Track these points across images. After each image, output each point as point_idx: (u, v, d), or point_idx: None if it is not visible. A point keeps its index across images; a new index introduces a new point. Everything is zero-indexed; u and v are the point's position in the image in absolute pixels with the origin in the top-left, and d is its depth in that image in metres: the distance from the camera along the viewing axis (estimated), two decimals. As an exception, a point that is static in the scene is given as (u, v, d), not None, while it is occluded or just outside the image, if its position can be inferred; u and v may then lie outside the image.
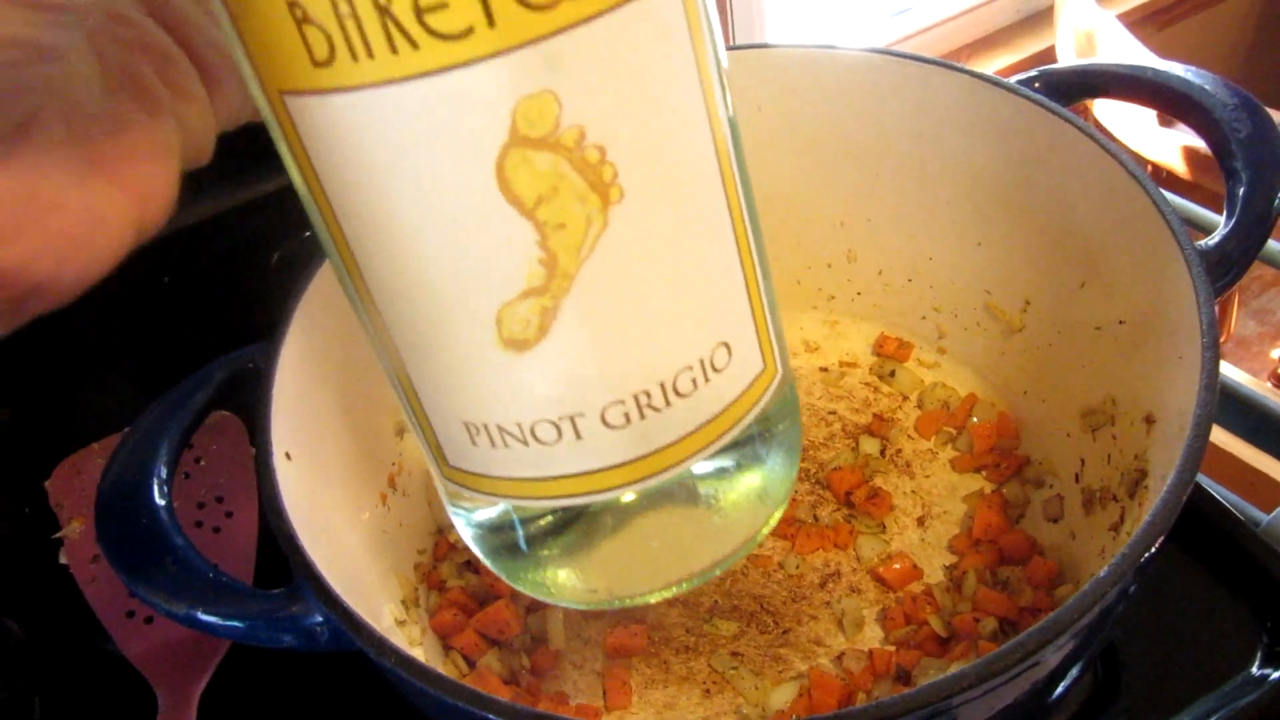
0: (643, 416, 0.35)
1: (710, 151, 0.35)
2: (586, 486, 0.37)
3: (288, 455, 0.60)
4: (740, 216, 0.37)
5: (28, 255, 0.29)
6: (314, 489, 0.62)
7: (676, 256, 0.34)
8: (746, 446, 0.39)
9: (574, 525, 0.41)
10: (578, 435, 0.35)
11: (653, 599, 0.43)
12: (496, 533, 0.43)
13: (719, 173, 0.35)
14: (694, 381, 0.36)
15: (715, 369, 0.36)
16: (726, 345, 0.37)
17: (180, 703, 0.76)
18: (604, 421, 0.35)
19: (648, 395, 0.35)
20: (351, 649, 0.52)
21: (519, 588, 0.43)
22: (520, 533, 0.42)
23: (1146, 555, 0.47)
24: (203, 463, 0.91)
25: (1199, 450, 0.50)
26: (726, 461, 0.40)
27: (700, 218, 0.35)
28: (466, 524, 0.44)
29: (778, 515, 0.43)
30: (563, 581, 0.42)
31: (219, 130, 0.37)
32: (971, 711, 0.47)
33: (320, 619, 0.52)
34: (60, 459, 0.90)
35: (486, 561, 0.44)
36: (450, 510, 0.44)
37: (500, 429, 0.36)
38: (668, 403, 0.36)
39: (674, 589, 0.42)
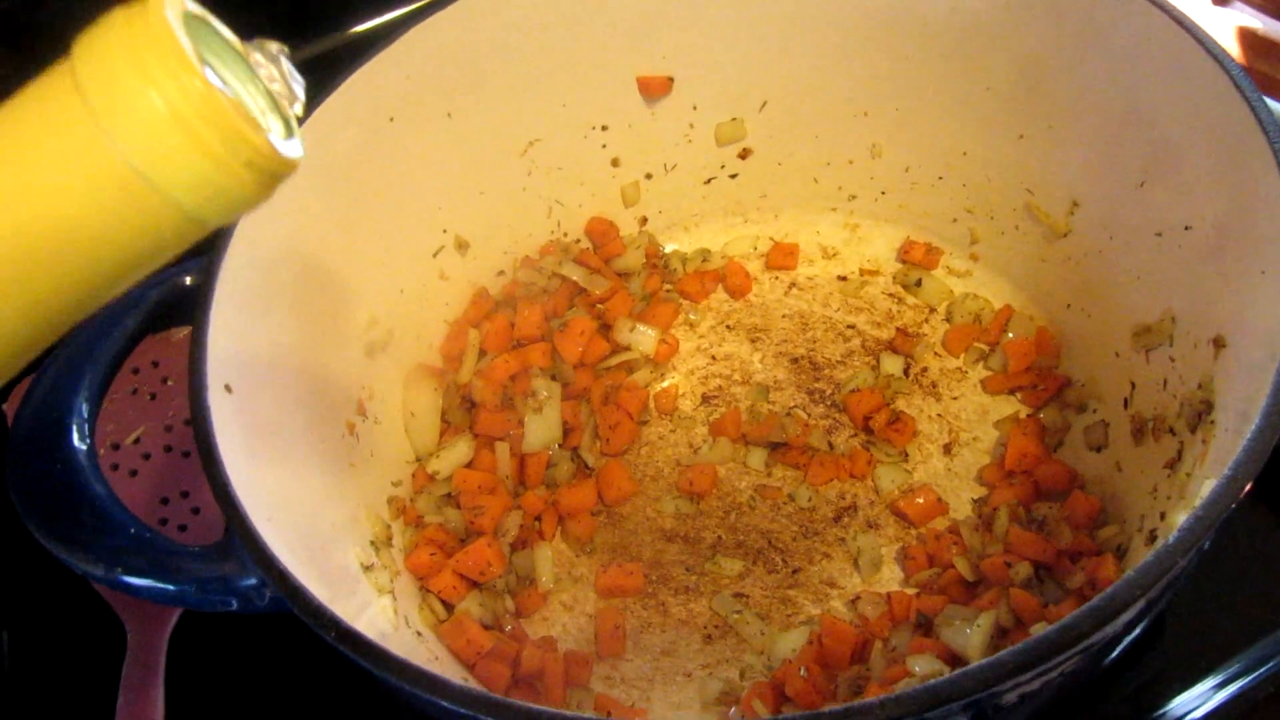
0: None
1: None
2: None
3: (228, 388, 0.53)
4: None
5: None
6: (261, 423, 0.55)
7: None
8: None
9: None
10: None
11: None
12: None
13: None
14: None
15: None
16: None
17: (150, 640, 0.71)
18: None
19: None
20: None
21: None
22: None
23: (1222, 518, 0.40)
24: (170, 383, 0.84)
25: (1290, 388, 0.42)
26: None
27: None
28: None
29: None
30: None
31: None
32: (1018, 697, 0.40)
33: (255, 581, 0.45)
34: (17, 384, 0.84)
35: None
36: None
37: None
38: None
39: None
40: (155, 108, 0.25)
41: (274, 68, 0.30)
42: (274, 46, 0.30)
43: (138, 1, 0.26)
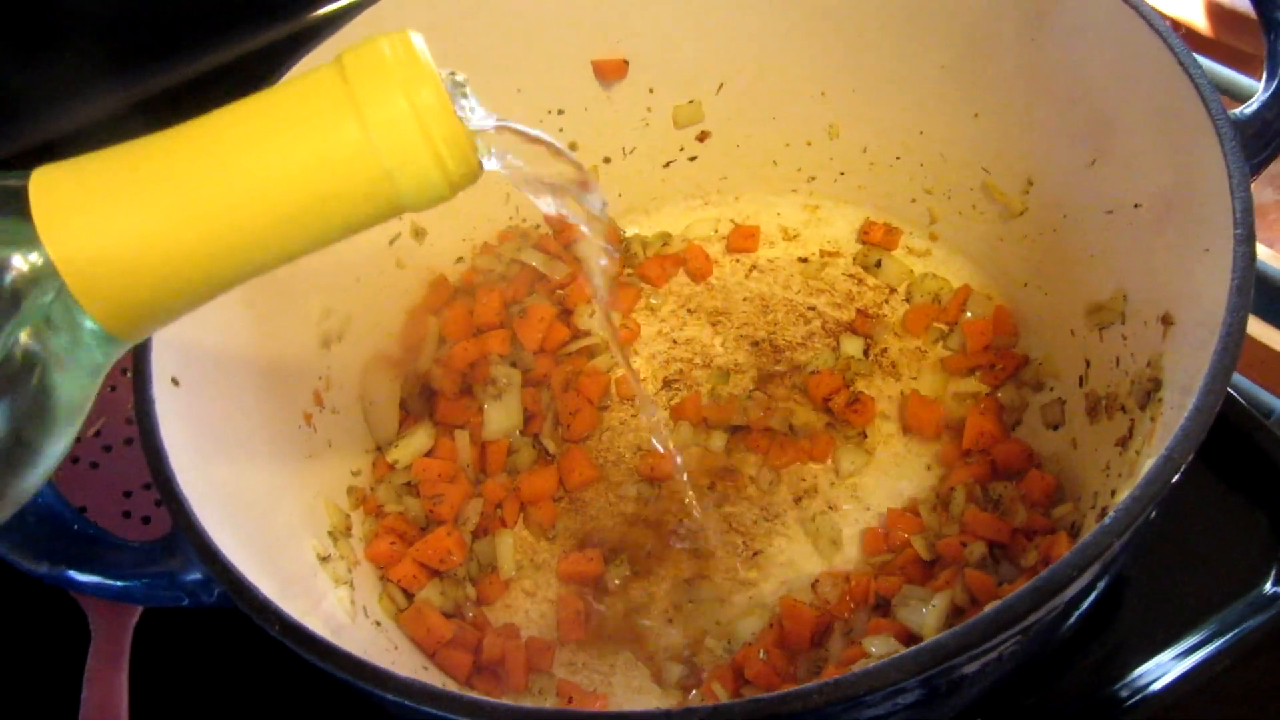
0: None
1: None
2: None
3: (175, 380, 0.52)
4: None
5: None
6: (211, 417, 0.55)
7: None
8: None
9: None
10: None
11: None
12: None
13: None
14: None
15: None
16: None
17: (114, 631, 0.71)
18: None
19: None
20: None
21: None
22: None
23: (1160, 496, 0.40)
24: (129, 374, 0.83)
25: (1228, 366, 0.42)
26: None
27: None
28: None
29: None
30: None
31: None
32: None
33: (201, 576, 0.45)
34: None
35: None
36: None
37: None
38: None
39: None
40: (404, 110, 0.32)
41: (457, 93, 0.35)
42: (460, 76, 0.35)
43: (397, 31, 0.34)
